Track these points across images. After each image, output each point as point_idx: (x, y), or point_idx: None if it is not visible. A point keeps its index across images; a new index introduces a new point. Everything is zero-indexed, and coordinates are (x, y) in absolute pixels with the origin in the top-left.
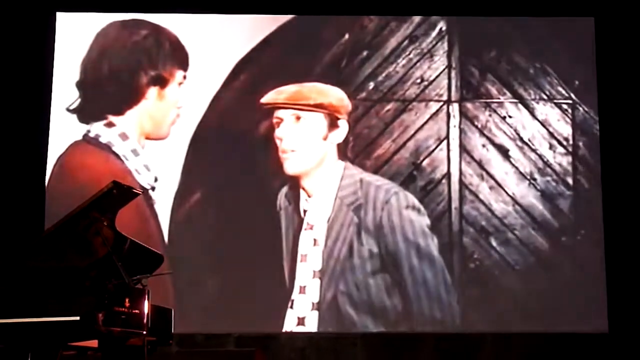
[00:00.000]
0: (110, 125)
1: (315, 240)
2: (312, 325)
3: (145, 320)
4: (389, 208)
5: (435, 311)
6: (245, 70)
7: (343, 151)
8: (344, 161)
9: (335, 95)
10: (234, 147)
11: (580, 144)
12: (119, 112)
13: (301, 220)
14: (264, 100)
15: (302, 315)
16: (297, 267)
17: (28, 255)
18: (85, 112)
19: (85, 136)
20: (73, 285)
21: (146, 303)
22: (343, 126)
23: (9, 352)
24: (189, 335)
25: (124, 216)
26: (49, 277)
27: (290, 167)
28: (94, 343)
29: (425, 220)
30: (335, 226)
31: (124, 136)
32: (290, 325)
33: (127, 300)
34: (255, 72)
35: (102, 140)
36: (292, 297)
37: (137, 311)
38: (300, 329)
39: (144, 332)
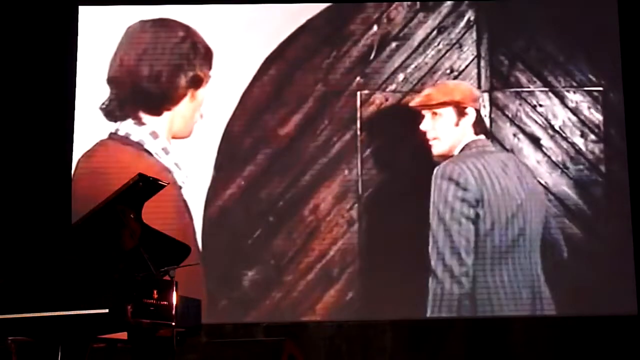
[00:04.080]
0: (140, 123)
1: None
2: None
3: (173, 312)
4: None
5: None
6: (273, 65)
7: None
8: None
9: (459, 91)
10: (265, 143)
11: (612, 131)
12: (156, 112)
13: None
14: (412, 104)
15: None
16: None
17: (56, 249)
18: (116, 111)
19: (114, 134)
20: (101, 278)
21: (174, 294)
22: (470, 112)
23: (39, 345)
24: (217, 326)
25: (162, 210)
26: (77, 271)
27: (436, 151)
28: (123, 335)
29: None
30: None
31: (154, 135)
32: None
33: (155, 292)
34: (284, 66)
35: (133, 138)
36: None
37: (165, 302)
38: None
39: (173, 323)
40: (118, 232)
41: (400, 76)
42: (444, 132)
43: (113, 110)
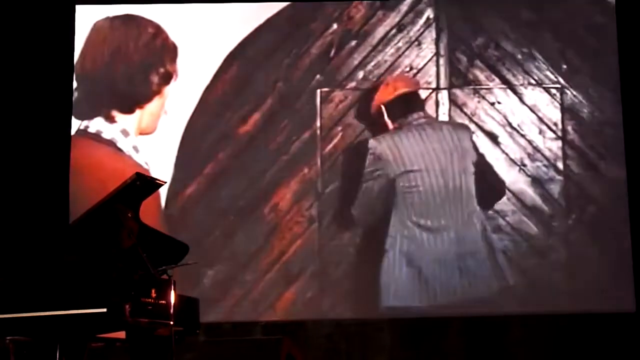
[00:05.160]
0: (111, 121)
1: None
2: None
3: (171, 311)
4: None
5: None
6: (234, 63)
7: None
8: None
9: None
10: (225, 141)
11: (569, 128)
12: (129, 110)
13: None
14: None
15: None
16: None
17: (54, 248)
18: (85, 108)
19: (82, 132)
20: (99, 277)
21: (172, 293)
22: None
23: (37, 345)
24: (216, 325)
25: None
26: (75, 270)
27: None
28: (121, 334)
29: None
30: None
31: (125, 133)
32: None
33: (153, 291)
34: (244, 65)
35: (105, 136)
36: None
37: (163, 302)
38: None
39: (171, 323)
40: (116, 231)
41: (360, 74)
42: None
43: (82, 108)
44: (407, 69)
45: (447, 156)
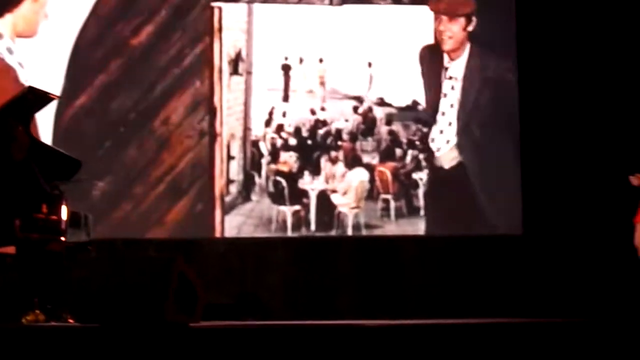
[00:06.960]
0: None
1: None
2: None
3: (63, 226)
4: None
5: None
6: None
7: None
8: None
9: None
10: (117, 53)
11: None
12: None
13: None
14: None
15: None
16: None
17: None
18: None
19: None
20: None
21: (64, 209)
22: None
23: None
24: (108, 241)
25: None
26: None
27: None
28: (12, 249)
29: None
30: None
31: None
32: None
33: (44, 206)
34: None
35: None
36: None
37: (54, 217)
38: None
39: (63, 238)
40: (6, 146)
41: None
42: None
43: None
44: None
45: None
